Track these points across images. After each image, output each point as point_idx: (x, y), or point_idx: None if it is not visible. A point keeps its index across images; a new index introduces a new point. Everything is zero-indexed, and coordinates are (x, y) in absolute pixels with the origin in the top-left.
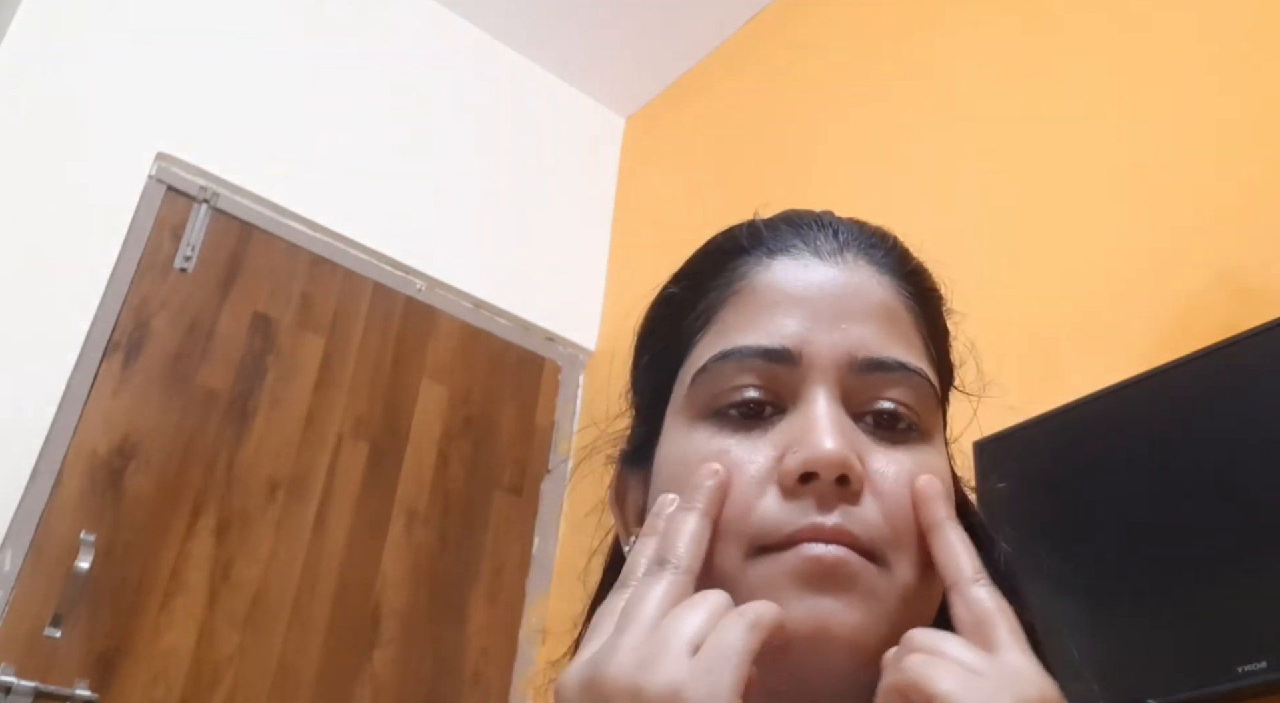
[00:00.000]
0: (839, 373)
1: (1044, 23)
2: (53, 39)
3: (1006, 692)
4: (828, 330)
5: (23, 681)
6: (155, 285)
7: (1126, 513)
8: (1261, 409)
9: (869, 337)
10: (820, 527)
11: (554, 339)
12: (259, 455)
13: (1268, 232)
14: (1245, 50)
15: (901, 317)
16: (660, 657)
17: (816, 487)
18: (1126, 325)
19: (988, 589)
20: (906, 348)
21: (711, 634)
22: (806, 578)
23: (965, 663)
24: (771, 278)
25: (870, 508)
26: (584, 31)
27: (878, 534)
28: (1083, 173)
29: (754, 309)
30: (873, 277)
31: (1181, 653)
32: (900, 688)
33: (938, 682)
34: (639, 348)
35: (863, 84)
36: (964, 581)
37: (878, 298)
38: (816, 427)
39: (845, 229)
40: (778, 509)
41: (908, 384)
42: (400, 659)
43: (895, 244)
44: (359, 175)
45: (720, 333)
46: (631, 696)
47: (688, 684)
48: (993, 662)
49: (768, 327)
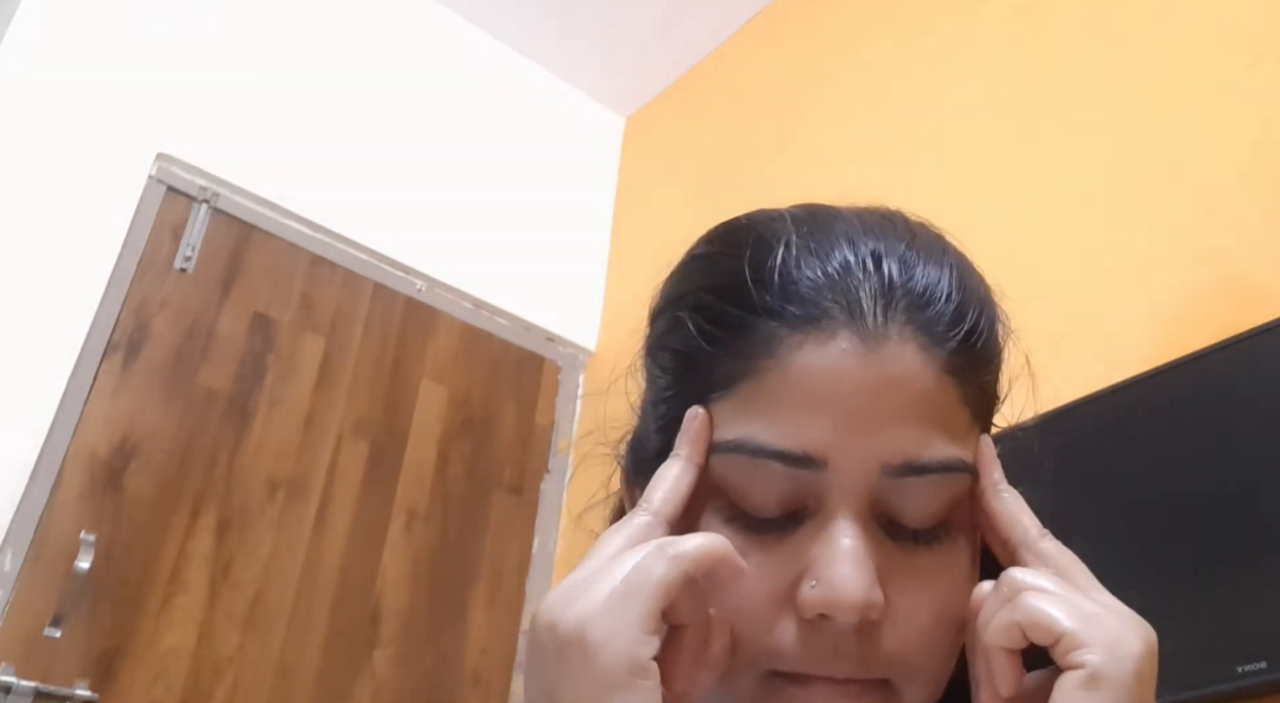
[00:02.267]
0: (869, 480)
1: (1044, 22)
2: (53, 39)
3: (1129, 629)
4: (861, 435)
5: (23, 681)
6: (155, 285)
7: (1126, 513)
8: (1261, 409)
9: (907, 438)
10: (835, 672)
11: (554, 339)
12: (259, 455)
13: (1268, 232)
14: (1245, 50)
15: (946, 399)
16: (585, 593)
17: (835, 625)
18: (1126, 325)
19: (1055, 544)
20: (948, 437)
21: (632, 569)
22: None
23: (1078, 602)
24: (801, 366)
25: (889, 638)
26: (584, 31)
27: (894, 661)
28: (1083, 172)
29: (778, 399)
30: (919, 355)
31: (1181, 653)
32: (1021, 626)
33: (1061, 620)
34: (650, 350)
35: (862, 84)
36: (1031, 538)
37: (920, 388)
38: (838, 563)
39: (893, 271)
40: (793, 641)
41: (943, 483)
42: (400, 659)
43: (950, 290)
44: (359, 175)
45: (740, 411)
46: (549, 629)
47: (594, 619)
48: (1098, 603)
49: (792, 425)
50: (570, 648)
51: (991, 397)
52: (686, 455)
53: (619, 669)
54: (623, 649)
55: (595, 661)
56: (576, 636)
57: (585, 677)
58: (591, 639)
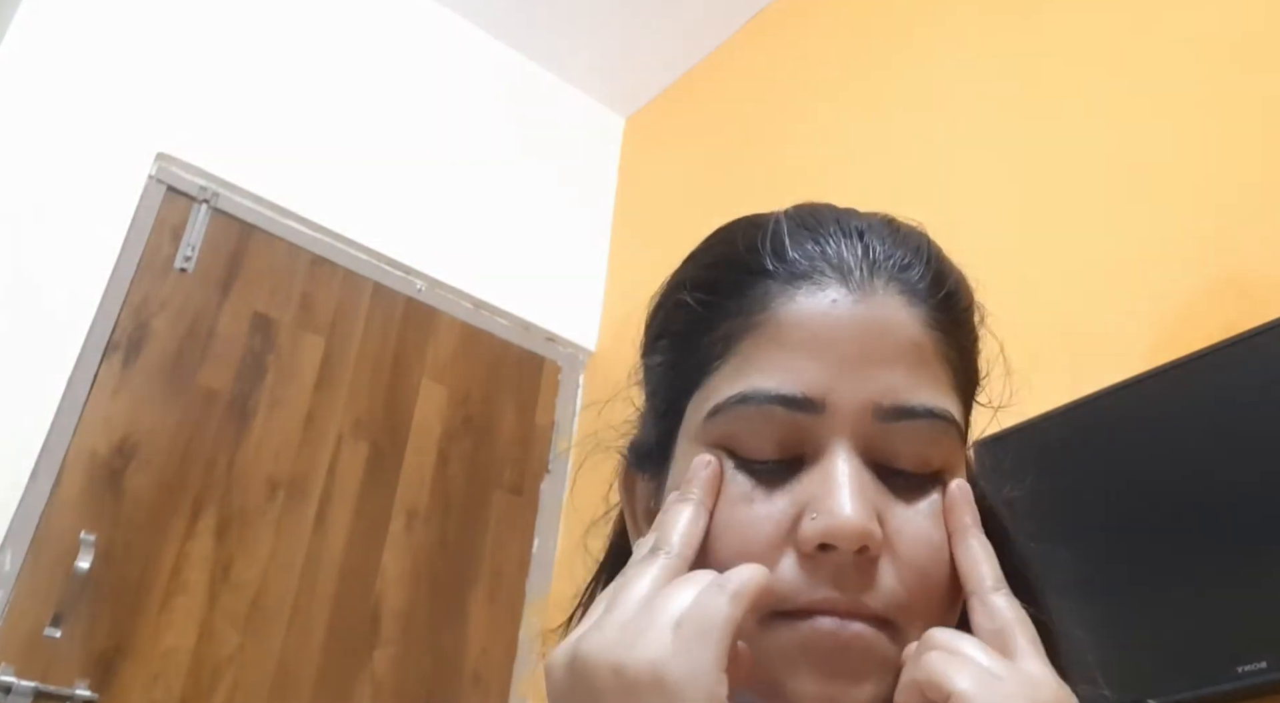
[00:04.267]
0: (862, 423)
1: (1044, 23)
2: (53, 39)
3: (1024, 697)
4: (853, 376)
5: (23, 681)
6: (155, 285)
7: (1126, 513)
8: (1261, 409)
9: (896, 382)
10: (835, 602)
11: (554, 339)
12: (259, 455)
13: (1268, 232)
14: (1246, 50)
15: (930, 351)
16: (644, 634)
17: (835, 556)
18: (1126, 325)
19: (1007, 599)
20: (934, 387)
21: (692, 608)
22: (820, 654)
23: (983, 664)
24: (795, 314)
25: (887, 576)
26: (584, 31)
27: (894, 601)
28: (1083, 173)
29: (776, 348)
30: (903, 308)
31: (1181, 653)
32: (919, 684)
33: (956, 680)
34: (649, 348)
35: (862, 84)
36: (985, 589)
37: (906, 336)
38: (836, 492)
39: (876, 243)
40: (794, 576)
41: (932, 430)
42: (400, 659)
43: (930, 259)
44: (359, 175)
45: (739, 369)
46: (614, 673)
47: (668, 661)
48: (1011, 667)
49: (790, 370)
50: (644, 689)
51: (972, 369)
52: (699, 500)
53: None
54: (704, 690)
55: (676, 700)
56: (652, 678)
57: None
58: (672, 682)
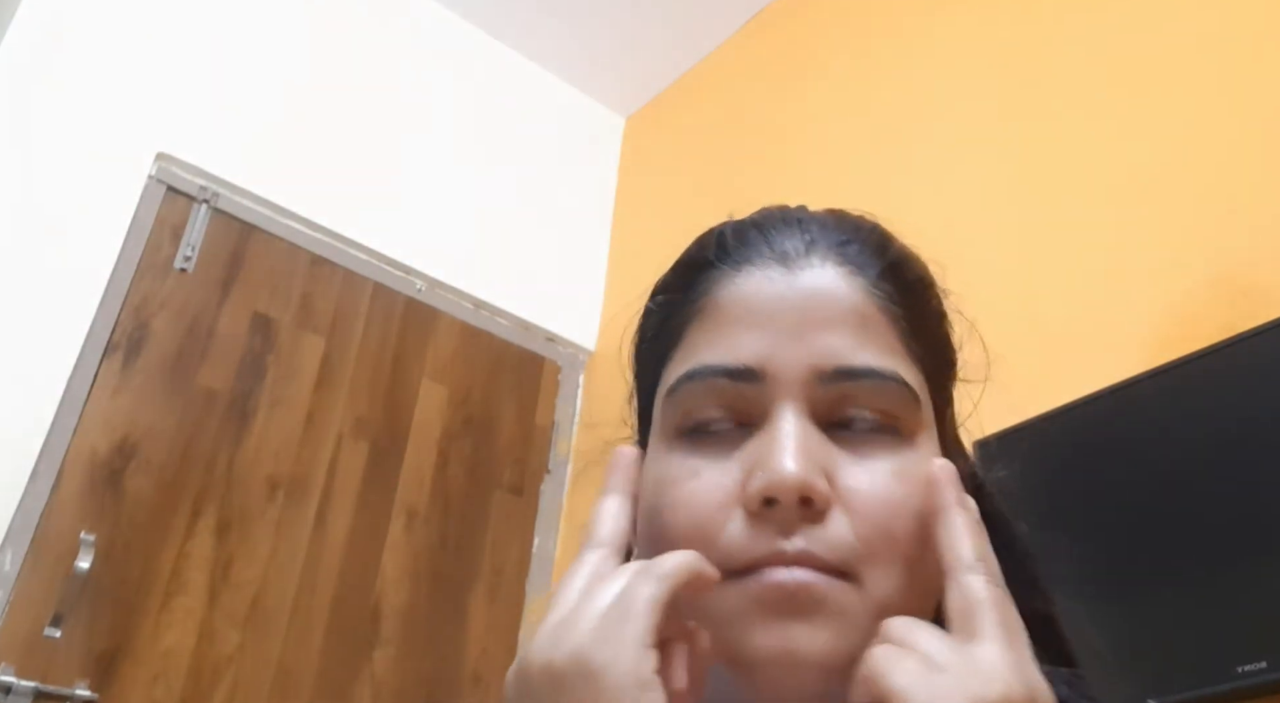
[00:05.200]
0: (806, 387)
1: (1045, 23)
2: (53, 39)
3: (962, 689)
4: (792, 344)
5: (23, 681)
6: (155, 285)
7: (1126, 513)
8: (1261, 409)
9: (837, 345)
10: (783, 552)
11: (554, 339)
12: (259, 455)
13: (1268, 232)
14: (1246, 50)
15: (875, 317)
16: (573, 629)
17: (780, 510)
18: (1126, 325)
19: (983, 577)
20: (880, 351)
21: (619, 595)
22: (770, 605)
23: (929, 656)
24: (735, 292)
25: (839, 525)
26: (584, 31)
27: (848, 552)
28: (1083, 173)
29: (718, 326)
30: (842, 278)
31: (1181, 653)
32: (865, 679)
33: (893, 676)
34: (631, 359)
35: (862, 83)
36: (960, 567)
37: (847, 302)
38: (776, 448)
39: (815, 226)
40: (741, 535)
41: (881, 390)
42: (400, 659)
43: (871, 235)
44: (359, 175)
45: (688, 352)
46: (544, 670)
47: (589, 647)
48: (962, 655)
49: (731, 344)
50: (570, 679)
51: (934, 342)
52: (620, 489)
53: (627, 687)
54: (627, 668)
55: (601, 684)
56: (576, 666)
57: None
58: (594, 665)
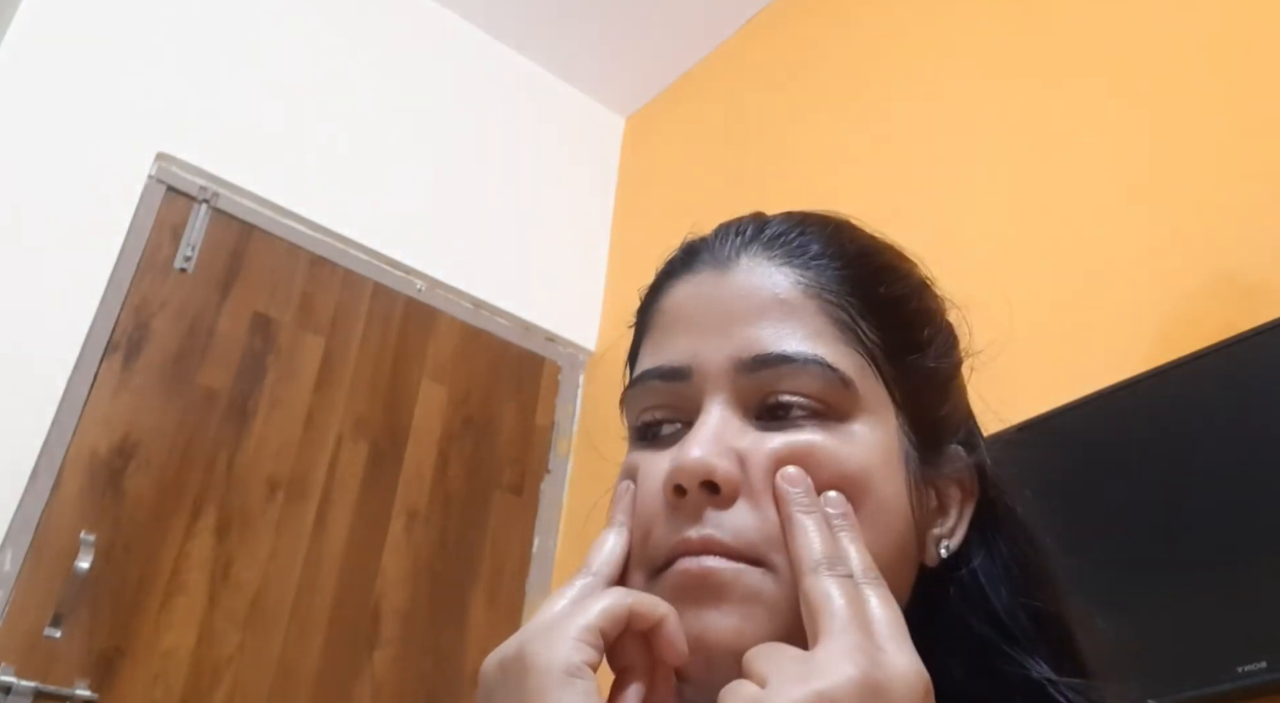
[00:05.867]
0: (731, 379)
1: (1044, 23)
2: (53, 39)
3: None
4: (715, 339)
5: (23, 681)
6: (155, 285)
7: (1126, 513)
8: (1261, 409)
9: (757, 336)
10: (689, 541)
11: (554, 339)
12: (259, 455)
13: (1268, 232)
14: (1247, 50)
15: (803, 305)
16: (524, 632)
17: (689, 499)
18: (1126, 325)
19: (827, 576)
20: (805, 337)
21: (571, 600)
22: (682, 593)
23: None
24: (673, 301)
25: (742, 512)
26: (584, 31)
27: (755, 537)
28: (1083, 172)
29: (661, 334)
30: (768, 274)
31: (1181, 653)
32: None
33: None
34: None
35: (863, 84)
36: (802, 571)
37: (769, 294)
38: (687, 438)
39: (753, 228)
40: (662, 528)
41: (801, 374)
42: (400, 659)
43: (817, 228)
44: (359, 175)
45: (640, 360)
46: (498, 668)
47: (532, 639)
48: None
49: (666, 348)
50: (511, 666)
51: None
52: (620, 522)
53: (554, 671)
54: (559, 654)
55: (533, 668)
56: (517, 656)
57: (522, 686)
58: (530, 654)
